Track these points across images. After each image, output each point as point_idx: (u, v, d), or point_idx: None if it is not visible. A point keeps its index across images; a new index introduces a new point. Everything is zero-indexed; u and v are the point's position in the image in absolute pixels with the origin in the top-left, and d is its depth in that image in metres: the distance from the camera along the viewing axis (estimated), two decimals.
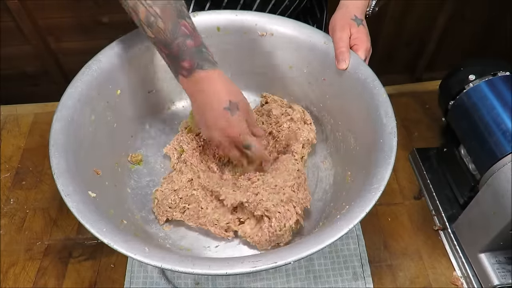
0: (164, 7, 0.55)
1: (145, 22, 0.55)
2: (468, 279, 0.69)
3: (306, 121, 0.72)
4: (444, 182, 0.79)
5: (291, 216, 0.60)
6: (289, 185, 0.62)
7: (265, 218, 0.60)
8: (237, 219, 0.63)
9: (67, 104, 0.59)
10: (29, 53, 1.51)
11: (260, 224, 0.61)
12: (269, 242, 0.60)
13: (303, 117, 0.72)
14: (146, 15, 0.54)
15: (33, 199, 0.81)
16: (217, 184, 0.65)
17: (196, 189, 0.65)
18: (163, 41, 0.56)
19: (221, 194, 0.62)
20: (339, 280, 0.69)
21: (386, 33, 1.57)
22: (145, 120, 0.74)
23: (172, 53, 0.56)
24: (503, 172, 0.61)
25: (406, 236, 0.76)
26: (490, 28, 1.59)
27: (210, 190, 0.64)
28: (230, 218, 0.63)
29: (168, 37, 0.55)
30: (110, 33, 1.37)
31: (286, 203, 0.61)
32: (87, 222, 0.48)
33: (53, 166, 0.53)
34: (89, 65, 0.63)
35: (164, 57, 0.58)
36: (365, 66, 0.64)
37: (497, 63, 0.72)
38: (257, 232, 0.61)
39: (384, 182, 0.52)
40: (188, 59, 0.56)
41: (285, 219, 0.59)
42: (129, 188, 0.67)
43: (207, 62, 0.57)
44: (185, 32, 0.56)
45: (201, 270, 0.45)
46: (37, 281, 0.71)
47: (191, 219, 0.63)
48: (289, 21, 0.71)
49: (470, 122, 0.70)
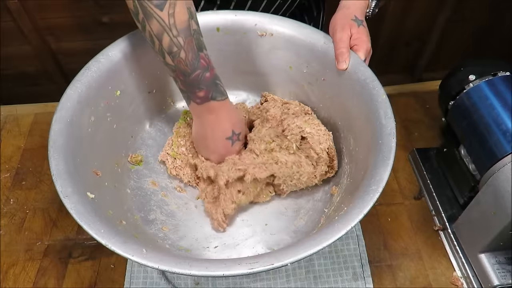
0: (187, 39, 0.55)
1: (167, 50, 0.56)
2: (468, 279, 0.69)
3: (308, 112, 0.72)
4: (444, 182, 0.79)
5: (326, 139, 0.65)
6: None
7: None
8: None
9: (67, 105, 0.59)
10: (29, 53, 1.51)
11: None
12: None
13: (304, 109, 0.72)
14: (170, 45, 0.55)
15: (33, 199, 0.81)
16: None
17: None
18: (183, 71, 0.57)
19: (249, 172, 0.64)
20: (339, 280, 0.69)
21: (386, 33, 1.56)
22: (145, 121, 0.74)
23: (189, 81, 0.58)
24: (503, 172, 0.61)
25: (406, 236, 0.76)
26: (490, 28, 1.59)
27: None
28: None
29: (188, 68, 0.57)
30: (110, 33, 1.37)
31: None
32: (86, 224, 0.48)
33: (52, 168, 0.52)
34: (89, 66, 0.63)
35: (178, 82, 0.60)
36: (365, 67, 0.64)
37: (497, 63, 0.72)
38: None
39: (382, 184, 0.51)
40: (204, 90, 0.59)
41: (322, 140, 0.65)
42: (128, 188, 0.67)
43: (220, 93, 0.61)
44: (204, 65, 0.58)
45: (198, 271, 0.45)
46: (37, 281, 0.71)
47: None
48: (289, 21, 0.70)
49: (470, 122, 0.69)
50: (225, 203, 0.63)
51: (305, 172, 0.65)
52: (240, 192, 0.64)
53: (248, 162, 0.64)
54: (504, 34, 1.60)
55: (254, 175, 0.63)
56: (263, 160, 0.65)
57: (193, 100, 0.60)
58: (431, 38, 1.60)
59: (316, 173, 0.65)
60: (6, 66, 1.54)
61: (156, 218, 0.65)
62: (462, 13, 1.52)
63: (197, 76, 0.57)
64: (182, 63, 0.56)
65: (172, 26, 0.54)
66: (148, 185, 0.68)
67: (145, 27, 0.56)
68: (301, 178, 0.65)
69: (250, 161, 0.64)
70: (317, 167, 0.65)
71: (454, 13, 1.51)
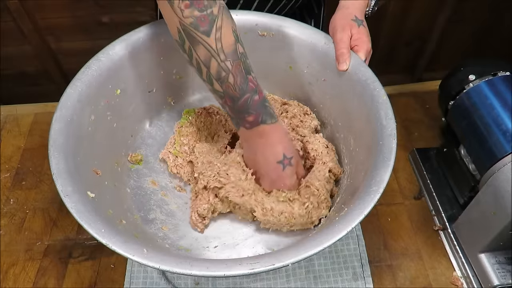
0: (235, 62, 0.54)
1: (216, 76, 0.55)
2: (468, 279, 0.69)
3: (307, 112, 0.72)
4: (444, 182, 0.79)
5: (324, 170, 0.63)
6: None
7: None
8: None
9: (67, 104, 0.59)
10: (29, 53, 1.51)
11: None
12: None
13: (303, 110, 0.72)
14: (218, 70, 0.54)
15: (33, 199, 0.81)
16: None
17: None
18: (231, 96, 0.56)
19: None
20: (339, 280, 0.69)
21: (386, 33, 1.57)
22: (145, 120, 0.74)
23: (238, 107, 0.56)
24: (503, 172, 0.61)
25: (406, 236, 0.76)
26: (490, 28, 1.59)
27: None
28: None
29: (237, 93, 0.55)
30: (110, 33, 1.37)
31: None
32: (86, 223, 0.48)
33: (52, 167, 0.52)
34: (89, 64, 0.63)
35: (226, 108, 0.58)
36: (365, 67, 0.64)
37: (497, 63, 0.72)
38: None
39: (383, 185, 0.51)
40: (254, 114, 0.57)
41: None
42: (128, 188, 0.67)
43: (270, 116, 0.58)
44: (252, 87, 0.56)
45: (199, 271, 0.45)
46: (37, 281, 0.71)
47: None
48: (290, 21, 0.70)
49: (470, 122, 0.69)
50: (200, 202, 0.63)
51: (297, 223, 0.61)
52: (217, 197, 0.63)
53: (233, 179, 0.61)
54: (504, 34, 1.60)
55: (228, 195, 0.61)
56: (247, 186, 0.61)
57: (242, 126, 0.59)
58: (431, 38, 1.60)
59: (313, 220, 0.61)
60: (6, 66, 1.54)
61: (156, 217, 0.65)
62: (462, 13, 1.52)
63: (246, 100, 0.56)
64: (230, 88, 0.55)
65: (219, 50, 0.53)
66: (148, 185, 0.68)
67: (192, 55, 0.55)
68: (291, 228, 0.61)
69: (235, 178, 0.61)
70: (316, 211, 0.61)
71: (454, 13, 1.51)
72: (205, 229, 0.64)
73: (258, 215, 0.60)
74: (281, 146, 0.59)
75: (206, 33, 0.53)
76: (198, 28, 0.52)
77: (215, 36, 0.53)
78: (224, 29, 0.54)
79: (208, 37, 0.53)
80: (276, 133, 0.59)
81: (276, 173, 0.60)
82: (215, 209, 0.63)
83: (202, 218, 0.63)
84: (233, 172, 0.62)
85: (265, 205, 0.60)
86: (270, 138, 0.59)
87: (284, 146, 0.60)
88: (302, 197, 0.61)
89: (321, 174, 0.63)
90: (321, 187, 0.61)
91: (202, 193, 0.63)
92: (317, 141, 0.67)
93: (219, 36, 0.53)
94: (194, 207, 0.64)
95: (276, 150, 0.59)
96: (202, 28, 0.52)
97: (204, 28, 0.52)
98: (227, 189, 0.61)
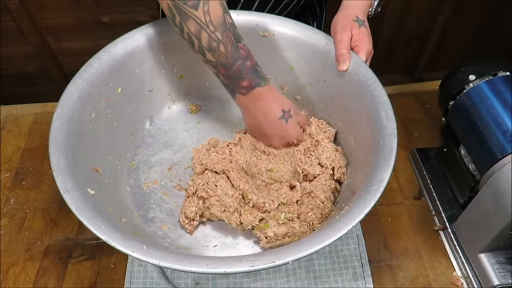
0: (225, 32, 0.57)
1: (207, 47, 0.58)
2: (468, 279, 0.69)
3: (321, 123, 0.70)
4: (444, 182, 0.79)
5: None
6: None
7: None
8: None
9: (67, 102, 0.59)
10: (29, 53, 1.51)
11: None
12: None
13: (323, 129, 0.70)
14: (209, 40, 0.57)
15: (33, 199, 0.81)
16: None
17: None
18: (224, 64, 0.59)
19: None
20: (339, 280, 0.69)
21: (386, 33, 1.57)
22: (145, 119, 0.74)
23: (231, 73, 0.59)
24: (503, 172, 0.61)
25: (406, 236, 0.75)
26: (490, 28, 1.59)
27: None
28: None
29: (229, 60, 0.58)
30: (110, 33, 1.36)
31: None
32: (86, 219, 0.49)
33: (52, 163, 0.53)
34: (90, 62, 0.63)
35: (221, 77, 0.61)
36: (366, 68, 0.64)
37: (497, 63, 0.72)
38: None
39: (383, 184, 0.51)
40: (247, 79, 0.60)
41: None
42: (128, 186, 0.67)
43: (262, 79, 0.62)
44: (243, 54, 0.59)
45: (199, 268, 0.45)
46: (37, 281, 0.71)
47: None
48: (290, 22, 0.70)
49: (470, 122, 0.70)
50: (188, 205, 0.63)
51: (300, 237, 0.60)
52: (205, 203, 0.63)
53: (219, 193, 0.62)
54: (504, 34, 1.60)
55: (210, 207, 0.62)
56: (230, 203, 0.61)
57: (238, 92, 0.62)
58: (431, 38, 1.60)
59: (315, 228, 0.61)
60: (6, 66, 1.55)
61: (155, 216, 0.65)
62: (462, 13, 1.52)
63: (239, 66, 0.59)
64: (222, 56, 0.58)
65: (208, 23, 0.56)
66: (148, 183, 0.68)
67: (183, 29, 0.58)
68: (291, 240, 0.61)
69: (222, 192, 0.62)
70: (319, 221, 0.61)
71: (454, 13, 1.51)
72: (194, 231, 0.64)
73: (263, 244, 0.60)
74: (277, 103, 0.64)
75: (194, 7, 0.56)
76: (187, 3, 0.56)
77: (203, 10, 0.56)
78: (212, 3, 0.56)
79: (196, 11, 0.56)
80: (270, 93, 0.63)
81: (282, 128, 0.65)
82: (203, 213, 0.64)
83: (189, 220, 0.63)
84: (222, 185, 0.63)
85: (268, 234, 0.60)
86: (267, 99, 0.63)
87: (280, 103, 0.64)
88: (305, 207, 0.62)
89: (327, 185, 0.64)
90: (326, 200, 0.62)
91: (192, 197, 0.64)
92: (326, 148, 0.67)
93: (207, 9, 0.56)
94: (182, 208, 0.64)
95: (275, 109, 0.63)
96: (190, 3, 0.56)
97: (192, 2, 0.56)
98: (211, 202, 0.62)
